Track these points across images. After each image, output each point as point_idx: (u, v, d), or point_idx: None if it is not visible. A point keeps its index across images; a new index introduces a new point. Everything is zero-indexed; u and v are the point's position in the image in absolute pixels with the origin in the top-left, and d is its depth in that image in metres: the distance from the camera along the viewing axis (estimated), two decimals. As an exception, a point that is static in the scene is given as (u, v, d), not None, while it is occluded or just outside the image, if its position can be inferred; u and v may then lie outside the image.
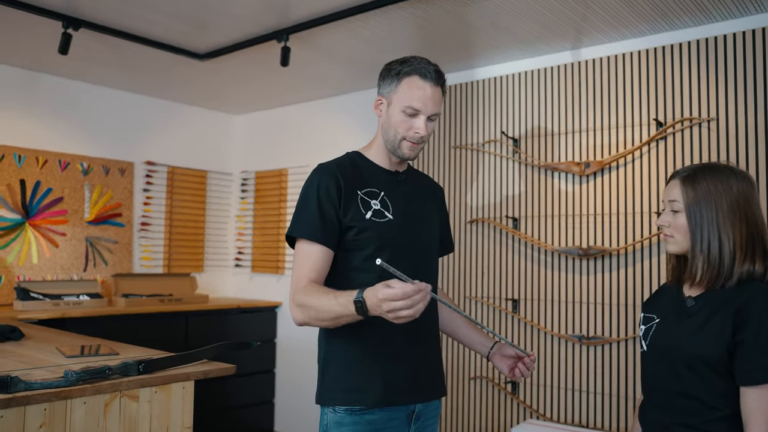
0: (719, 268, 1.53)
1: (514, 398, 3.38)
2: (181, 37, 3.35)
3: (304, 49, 3.43)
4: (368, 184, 1.75)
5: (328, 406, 1.70)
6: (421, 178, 1.95)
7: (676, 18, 2.91)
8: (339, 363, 1.70)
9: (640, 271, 3.06)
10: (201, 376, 1.98)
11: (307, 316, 1.60)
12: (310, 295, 1.58)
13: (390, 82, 1.74)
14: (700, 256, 1.56)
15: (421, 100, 1.69)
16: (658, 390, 1.62)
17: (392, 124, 1.73)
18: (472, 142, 3.68)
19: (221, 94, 4.54)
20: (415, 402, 1.73)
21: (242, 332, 4.44)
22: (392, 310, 1.37)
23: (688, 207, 1.58)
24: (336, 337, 1.70)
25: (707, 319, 1.52)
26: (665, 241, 1.66)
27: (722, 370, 1.49)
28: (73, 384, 1.70)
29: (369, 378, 1.67)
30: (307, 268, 1.66)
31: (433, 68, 1.71)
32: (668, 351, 1.58)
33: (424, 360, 1.77)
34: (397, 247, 1.71)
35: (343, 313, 1.50)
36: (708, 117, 2.92)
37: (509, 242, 3.49)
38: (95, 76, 4.13)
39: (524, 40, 3.26)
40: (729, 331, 1.47)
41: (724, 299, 1.52)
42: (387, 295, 1.36)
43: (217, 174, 5.03)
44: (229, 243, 5.09)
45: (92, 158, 4.28)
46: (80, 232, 4.20)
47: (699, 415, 1.51)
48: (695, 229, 1.56)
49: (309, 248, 1.67)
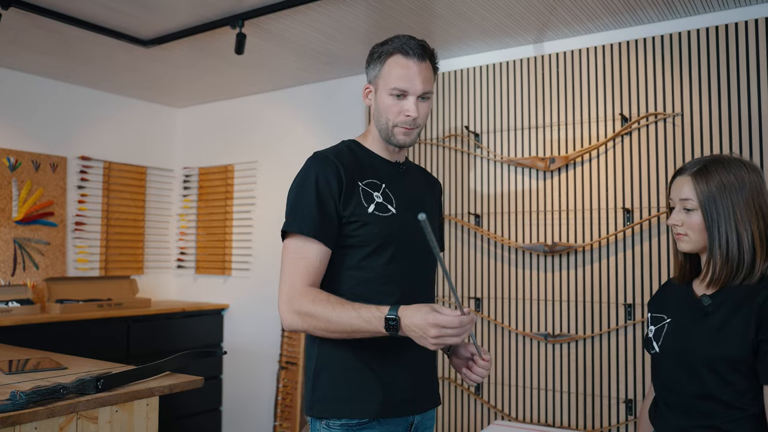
0: (738, 265, 1.48)
1: (478, 399, 3.30)
2: (124, 20, 3.08)
3: (258, 36, 3.24)
4: (369, 175, 1.61)
5: (320, 420, 1.55)
6: (421, 171, 1.84)
7: (641, 12, 2.88)
8: (334, 370, 1.56)
9: (606, 267, 3.03)
10: (166, 391, 1.79)
11: (310, 326, 1.47)
12: (318, 304, 1.46)
13: (374, 67, 1.62)
14: (718, 254, 1.50)
15: (406, 79, 1.55)
16: (675, 392, 1.56)
17: (382, 111, 1.60)
18: (433, 137, 3.57)
19: (164, 85, 4.25)
20: (414, 413, 1.61)
21: (188, 337, 4.19)
22: (441, 336, 1.32)
23: (703, 204, 1.51)
24: (331, 342, 1.56)
25: (727, 318, 1.46)
26: (678, 240, 1.58)
27: (745, 370, 1.44)
28: (22, 407, 1.48)
29: (367, 387, 1.54)
30: (302, 269, 1.51)
31: (416, 43, 1.58)
32: (686, 353, 1.52)
33: (424, 366, 1.65)
34: (400, 244, 1.58)
35: (364, 329, 1.42)
36: (673, 112, 2.92)
37: (472, 240, 3.40)
38: (25, 62, 3.78)
39: (488, 32, 3.18)
40: (753, 329, 1.42)
41: (743, 296, 1.46)
42: (442, 321, 1.31)
43: (157, 170, 4.74)
44: (171, 243, 4.81)
45: (20, 152, 3.93)
46: (7, 232, 3.85)
47: (721, 416, 1.46)
48: (712, 227, 1.50)
49: (305, 246, 1.52)
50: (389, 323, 1.37)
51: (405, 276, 1.58)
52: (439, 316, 1.31)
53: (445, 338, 1.32)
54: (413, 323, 1.34)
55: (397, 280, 1.56)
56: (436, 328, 1.31)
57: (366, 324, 1.40)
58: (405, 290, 1.57)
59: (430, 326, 1.31)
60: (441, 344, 1.33)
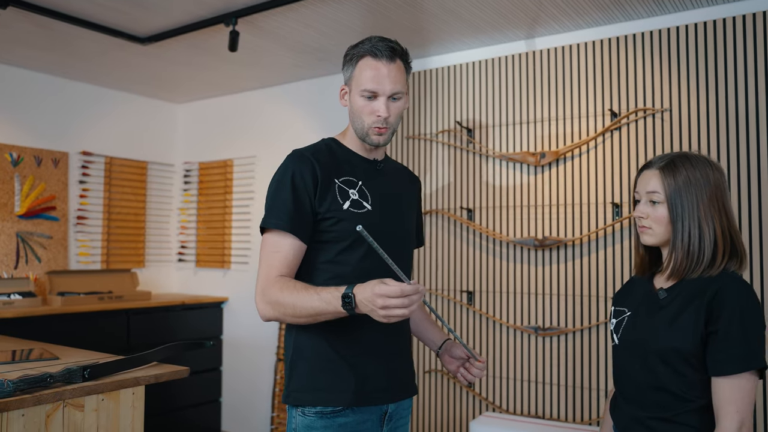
0: (698, 259, 1.51)
1: (470, 391, 3.35)
2: (121, 18, 3.14)
3: (252, 33, 3.29)
4: (346, 172, 1.66)
5: (296, 408, 1.61)
6: (399, 168, 1.87)
7: (630, 8, 2.91)
8: (309, 361, 1.61)
9: (596, 261, 3.06)
10: (152, 381, 1.85)
11: (280, 313, 1.52)
12: (285, 291, 1.51)
13: (347, 69, 1.67)
14: (680, 247, 1.53)
15: (375, 80, 1.59)
16: (630, 384, 1.59)
17: (356, 112, 1.65)
18: (426, 132, 3.61)
19: (164, 81, 4.32)
20: (388, 402, 1.66)
21: (187, 330, 4.26)
22: (387, 306, 1.34)
23: (670, 197, 1.54)
24: (306, 332, 1.62)
25: (680, 311, 1.50)
26: (642, 232, 1.61)
27: (695, 362, 1.48)
28: (9, 395, 1.54)
29: (342, 376, 1.59)
30: (277, 262, 1.56)
31: (385, 45, 1.61)
32: (640, 344, 1.56)
33: (398, 357, 1.70)
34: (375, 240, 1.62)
35: (325, 310, 1.45)
36: (662, 107, 2.94)
37: (464, 233, 3.45)
38: (27, 59, 3.85)
39: (479, 29, 3.21)
40: (702, 322, 1.46)
41: (695, 290, 1.50)
42: (384, 291, 1.34)
43: (158, 165, 4.81)
44: (172, 237, 4.88)
45: (23, 148, 4.01)
46: (10, 226, 3.93)
47: (672, 408, 1.50)
48: (676, 220, 1.53)
49: (281, 240, 1.57)
50: (345, 301, 1.40)
51: (379, 271, 1.61)
52: (383, 286, 1.34)
53: (391, 309, 1.34)
54: (364, 297, 1.38)
55: (371, 275, 1.60)
56: (381, 298, 1.34)
57: (326, 305, 1.44)
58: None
59: (375, 296, 1.34)
60: (390, 315, 1.35)
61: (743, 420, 1.40)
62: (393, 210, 1.72)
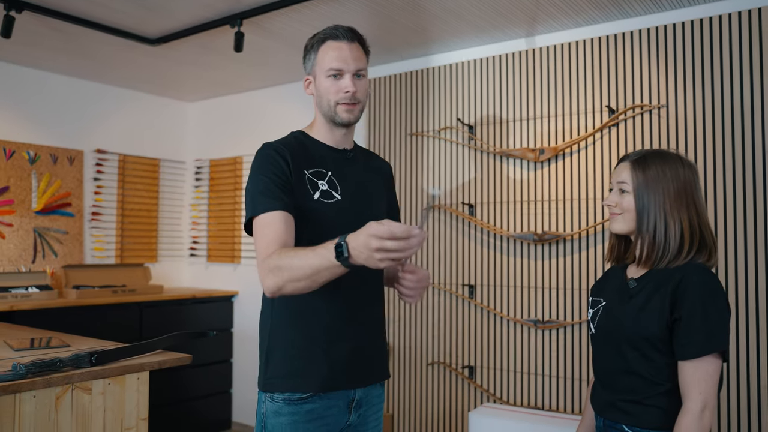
0: (664, 250, 1.59)
1: (471, 383, 3.42)
2: (132, 21, 3.25)
3: (258, 34, 3.38)
4: (315, 163, 1.69)
5: (266, 393, 1.65)
6: (369, 156, 1.90)
7: (627, 6, 2.96)
8: (283, 350, 1.65)
9: (594, 255, 3.12)
10: (156, 367, 1.95)
11: (282, 279, 1.45)
12: (284, 256, 1.47)
13: (309, 57, 1.73)
14: (646, 237, 1.62)
15: (340, 59, 1.66)
16: (604, 369, 1.68)
17: (323, 93, 1.69)
18: (428, 129, 3.68)
19: (174, 80, 4.43)
20: (355, 386, 1.68)
21: (198, 322, 4.38)
22: (382, 249, 1.27)
23: (637, 189, 1.63)
24: (279, 322, 1.66)
25: (648, 299, 1.58)
26: (612, 219, 1.70)
27: (663, 348, 1.55)
28: (21, 377, 1.65)
29: (312, 363, 1.62)
30: (271, 235, 1.54)
31: (344, 28, 1.69)
32: (612, 332, 1.64)
33: (367, 342, 1.71)
34: (345, 228, 1.60)
35: (322, 265, 1.38)
36: (658, 104, 2.99)
37: (465, 228, 3.52)
38: (42, 61, 3.99)
39: (480, 27, 3.27)
40: (667, 309, 1.54)
41: (662, 279, 1.58)
42: (379, 231, 1.26)
43: (170, 162, 4.93)
44: (184, 232, 5.00)
45: (39, 146, 4.15)
46: (28, 222, 4.07)
47: (642, 392, 1.58)
48: (642, 211, 1.62)
49: (268, 217, 1.56)
50: (338, 251, 1.34)
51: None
52: (378, 226, 1.27)
53: (389, 253, 1.28)
54: (358, 243, 1.31)
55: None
56: (375, 239, 1.27)
57: (321, 259, 1.38)
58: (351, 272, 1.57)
59: (370, 238, 1.27)
60: (387, 258, 1.29)
61: (706, 401, 1.47)
62: (363, 198, 1.74)
